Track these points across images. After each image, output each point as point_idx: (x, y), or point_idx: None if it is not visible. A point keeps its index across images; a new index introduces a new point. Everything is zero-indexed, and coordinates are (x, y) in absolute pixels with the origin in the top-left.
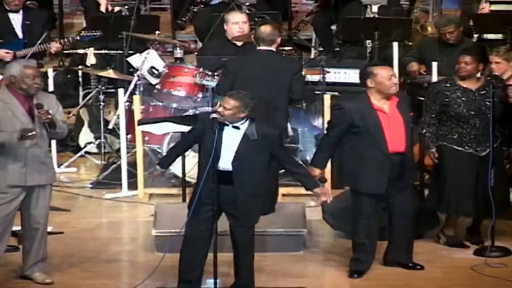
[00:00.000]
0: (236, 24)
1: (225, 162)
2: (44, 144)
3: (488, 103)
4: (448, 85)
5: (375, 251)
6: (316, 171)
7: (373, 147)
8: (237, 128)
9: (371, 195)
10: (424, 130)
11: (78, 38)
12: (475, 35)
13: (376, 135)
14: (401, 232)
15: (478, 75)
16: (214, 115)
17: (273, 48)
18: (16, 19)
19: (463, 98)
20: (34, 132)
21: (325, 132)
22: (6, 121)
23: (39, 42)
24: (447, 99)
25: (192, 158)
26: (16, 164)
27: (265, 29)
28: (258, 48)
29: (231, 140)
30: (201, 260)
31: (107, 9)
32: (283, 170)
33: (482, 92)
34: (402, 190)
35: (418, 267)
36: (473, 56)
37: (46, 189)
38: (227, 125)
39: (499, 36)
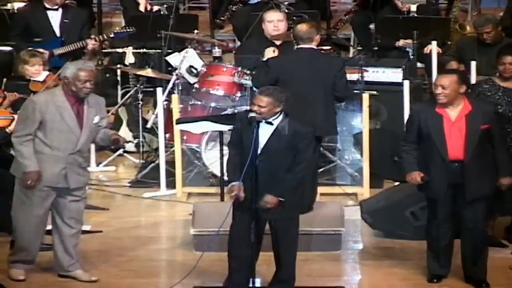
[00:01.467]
0: (271, 22)
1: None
2: (86, 149)
3: None
4: (488, 86)
5: (450, 254)
6: (415, 175)
7: (434, 152)
8: (270, 123)
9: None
10: None
11: (111, 35)
12: None
13: (437, 141)
14: (468, 245)
15: None
16: (252, 114)
17: (313, 45)
18: (55, 17)
19: (505, 99)
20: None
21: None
22: (54, 124)
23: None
24: (489, 100)
25: None
26: (56, 167)
27: (301, 27)
28: (298, 46)
29: (263, 135)
30: (246, 258)
31: (146, 8)
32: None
33: None
34: (471, 202)
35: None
36: None
37: (84, 190)
38: (261, 121)
39: None
